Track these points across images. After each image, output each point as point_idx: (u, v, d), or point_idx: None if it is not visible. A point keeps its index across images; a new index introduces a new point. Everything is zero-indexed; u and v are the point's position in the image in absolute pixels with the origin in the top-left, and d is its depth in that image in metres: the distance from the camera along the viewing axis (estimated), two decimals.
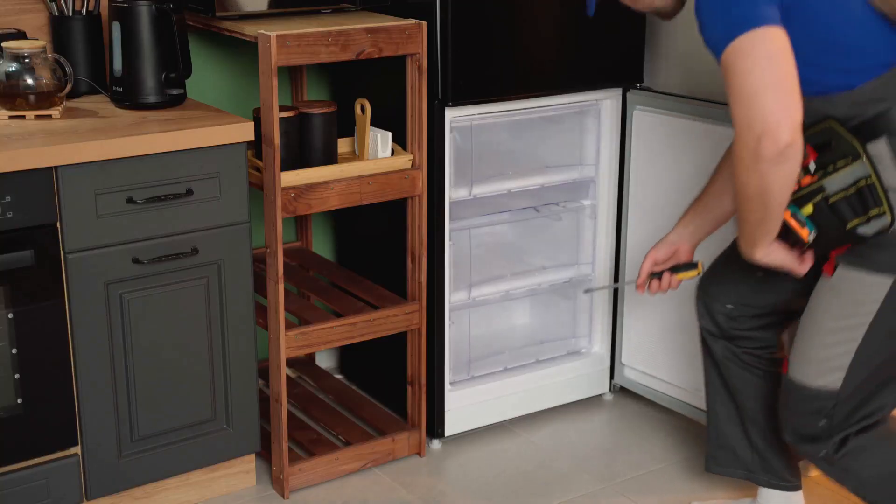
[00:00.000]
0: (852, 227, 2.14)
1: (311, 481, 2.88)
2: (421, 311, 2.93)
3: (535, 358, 3.26)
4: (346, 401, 3.24)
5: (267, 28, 2.57)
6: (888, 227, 2.12)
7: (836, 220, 2.15)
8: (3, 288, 2.38)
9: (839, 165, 2.14)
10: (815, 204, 2.16)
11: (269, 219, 2.66)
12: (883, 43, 2.11)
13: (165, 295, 2.56)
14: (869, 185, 2.11)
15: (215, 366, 2.67)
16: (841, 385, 2.25)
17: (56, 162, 2.36)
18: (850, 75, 2.13)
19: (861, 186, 2.12)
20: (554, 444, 3.12)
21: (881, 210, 2.12)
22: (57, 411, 2.50)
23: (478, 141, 3.01)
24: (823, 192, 2.15)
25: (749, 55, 2.01)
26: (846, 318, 2.22)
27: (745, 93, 2.02)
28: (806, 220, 2.17)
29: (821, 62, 2.12)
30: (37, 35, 2.81)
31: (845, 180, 2.13)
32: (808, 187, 2.16)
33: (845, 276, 2.21)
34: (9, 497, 2.48)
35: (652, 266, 2.58)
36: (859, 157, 2.12)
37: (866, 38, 2.11)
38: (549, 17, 2.91)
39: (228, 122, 2.56)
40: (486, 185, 3.03)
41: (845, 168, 2.13)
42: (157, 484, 2.70)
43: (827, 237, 2.19)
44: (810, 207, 2.16)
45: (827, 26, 2.10)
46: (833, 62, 2.13)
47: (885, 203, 2.11)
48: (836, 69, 2.14)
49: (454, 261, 3.02)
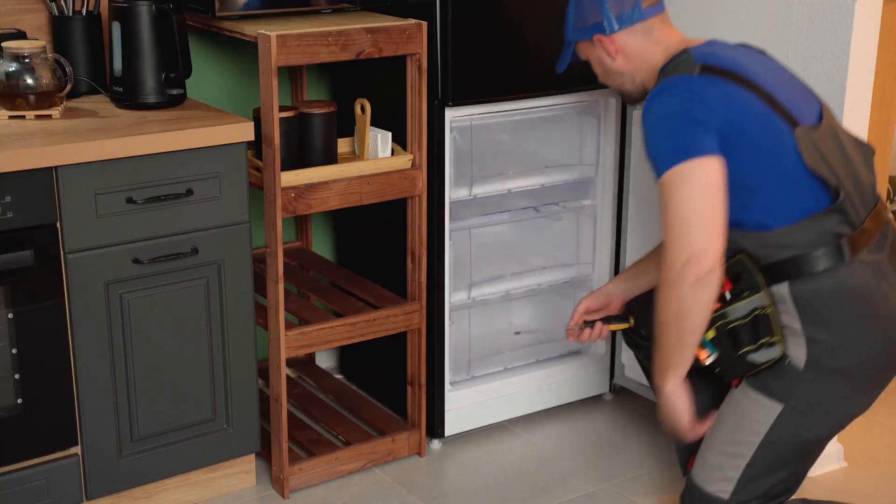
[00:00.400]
0: (743, 353, 2.27)
1: (311, 481, 2.88)
2: (421, 311, 2.93)
3: (535, 358, 3.26)
4: (346, 401, 3.24)
5: (267, 28, 2.57)
6: (777, 359, 2.25)
7: (732, 344, 2.28)
8: (3, 288, 2.38)
9: (744, 296, 2.26)
10: (717, 328, 2.27)
11: (269, 219, 2.66)
12: (805, 192, 2.22)
13: (165, 295, 2.56)
14: (764, 315, 2.24)
15: (215, 366, 2.67)
16: (728, 497, 2.35)
17: (56, 162, 2.36)
18: (768, 217, 2.23)
19: (756, 315, 2.24)
20: (554, 444, 3.12)
21: (771, 340, 2.24)
22: (57, 411, 2.50)
23: (478, 141, 3.01)
24: (725, 318, 2.27)
25: (687, 183, 2.16)
26: (739, 432, 2.33)
27: (679, 218, 2.17)
28: (707, 342, 2.29)
29: (745, 200, 2.23)
30: (37, 35, 2.81)
31: (745, 309, 2.25)
32: (714, 313, 2.26)
33: (744, 392, 2.33)
34: (9, 497, 2.48)
35: (584, 314, 2.70)
36: (759, 290, 2.23)
37: (790, 186, 2.22)
38: (549, 17, 2.91)
39: (228, 122, 2.56)
40: (486, 185, 3.03)
41: (748, 298, 2.25)
42: (157, 484, 2.70)
43: (724, 361, 2.30)
44: (712, 332, 2.28)
45: (755, 169, 2.21)
46: (755, 201, 2.23)
47: (779, 335, 2.24)
48: (757, 208, 2.24)
49: (454, 261, 3.02)
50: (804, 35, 2.76)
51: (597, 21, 2.41)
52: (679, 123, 2.21)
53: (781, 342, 2.24)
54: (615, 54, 2.43)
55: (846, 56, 2.67)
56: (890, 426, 3.22)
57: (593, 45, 2.45)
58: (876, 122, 2.92)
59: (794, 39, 2.78)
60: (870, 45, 2.70)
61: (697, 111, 2.21)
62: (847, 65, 2.67)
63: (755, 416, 2.31)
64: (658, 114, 2.25)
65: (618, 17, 2.39)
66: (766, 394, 2.29)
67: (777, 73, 2.36)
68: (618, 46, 2.42)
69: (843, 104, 2.69)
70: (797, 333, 2.24)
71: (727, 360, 2.30)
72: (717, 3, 2.95)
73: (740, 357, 2.27)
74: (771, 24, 2.83)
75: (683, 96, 2.23)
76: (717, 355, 2.30)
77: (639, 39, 2.41)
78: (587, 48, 2.48)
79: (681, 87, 2.25)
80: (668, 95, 2.25)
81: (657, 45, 2.40)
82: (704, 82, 2.24)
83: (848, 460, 3.01)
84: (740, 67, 2.28)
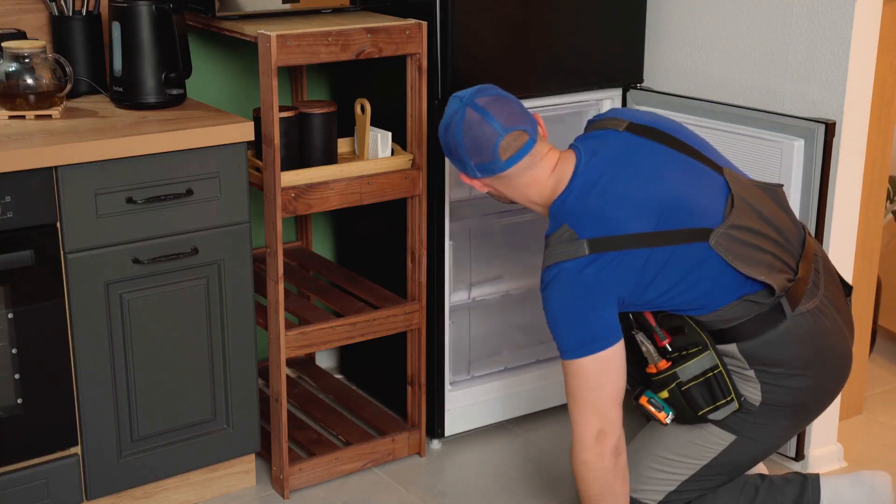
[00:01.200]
0: (703, 414, 2.34)
1: (311, 481, 2.88)
2: (421, 311, 2.93)
3: (535, 358, 3.26)
4: (346, 401, 3.24)
5: (267, 28, 2.57)
6: (736, 412, 2.33)
7: (689, 406, 2.34)
8: (3, 288, 2.38)
9: (691, 352, 2.32)
10: (670, 390, 2.34)
11: (269, 219, 2.66)
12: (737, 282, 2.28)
13: (165, 295, 2.56)
14: (716, 375, 2.31)
15: (215, 366, 2.67)
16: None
17: (56, 162, 2.36)
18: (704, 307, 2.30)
19: (709, 376, 2.31)
20: (554, 444, 3.12)
21: (729, 399, 2.32)
22: (57, 411, 2.50)
23: None
24: (677, 379, 2.33)
25: (596, 372, 2.25)
26: (684, 454, 2.41)
27: (589, 401, 2.26)
28: (663, 403, 2.36)
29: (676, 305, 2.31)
30: (37, 35, 2.81)
31: (695, 370, 2.31)
32: (663, 373, 2.34)
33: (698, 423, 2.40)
34: (9, 497, 2.48)
35: None
36: (707, 349, 2.31)
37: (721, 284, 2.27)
38: (549, 18, 2.91)
39: (228, 122, 2.56)
40: None
41: (696, 357, 2.31)
42: (157, 484, 2.70)
43: (682, 419, 2.37)
44: (666, 393, 2.35)
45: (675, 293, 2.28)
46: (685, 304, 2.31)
47: (732, 392, 2.31)
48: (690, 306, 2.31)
49: (454, 261, 3.02)
50: (804, 35, 2.76)
51: (460, 161, 2.36)
52: (577, 316, 2.25)
53: (736, 398, 2.32)
54: (483, 188, 2.40)
55: (846, 56, 2.67)
56: (890, 426, 3.22)
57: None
58: (876, 122, 2.93)
59: (794, 39, 2.78)
60: (870, 45, 2.70)
61: (592, 298, 2.24)
62: (847, 65, 2.67)
63: (706, 444, 2.39)
64: (555, 304, 2.27)
65: (478, 166, 2.34)
66: (721, 426, 2.37)
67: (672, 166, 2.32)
68: (485, 183, 2.39)
69: (843, 104, 2.69)
70: (750, 378, 2.33)
71: (686, 418, 2.37)
72: (718, 3, 2.95)
73: (700, 417, 2.34)
74: (771, 24, 2.83)
75: (576, 287, 2.24)
76: (674, 415, 2.37)
77: (507, 182, 2.36)
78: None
79: (571, 276, 2.24)
80: (561, 287, 2.26)
81: (528, 186, 2.36)
82: (595, 266, 2.23)
83: (848, 460, 3.01)
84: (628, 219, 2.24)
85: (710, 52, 3.00)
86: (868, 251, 3.09)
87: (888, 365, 3.62)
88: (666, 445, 2.43)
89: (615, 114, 2.43)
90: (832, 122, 2.67)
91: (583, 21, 2.96)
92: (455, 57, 2.77)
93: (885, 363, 3.63)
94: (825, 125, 2.66)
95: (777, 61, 2.83)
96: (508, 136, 2.30)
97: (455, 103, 2.35)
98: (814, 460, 2.92)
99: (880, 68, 2.85)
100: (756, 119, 2.80)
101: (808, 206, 2.72)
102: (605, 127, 2.40)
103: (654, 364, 2.36)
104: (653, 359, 2.36)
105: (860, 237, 2.96)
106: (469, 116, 2.30)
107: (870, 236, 3.08)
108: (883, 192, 3.10)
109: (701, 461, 2.40)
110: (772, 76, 2.85)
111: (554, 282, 2.26)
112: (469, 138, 2.30)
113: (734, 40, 2.93)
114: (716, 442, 2.38)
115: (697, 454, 2.39)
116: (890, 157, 3.07)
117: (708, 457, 2.39)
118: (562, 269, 2.24)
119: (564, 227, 2.28)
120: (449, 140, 2.36)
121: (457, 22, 2.75)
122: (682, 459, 2.40)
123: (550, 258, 2.28)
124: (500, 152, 2.30)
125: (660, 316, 2.36)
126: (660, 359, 2.35)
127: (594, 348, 2.24)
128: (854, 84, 2.69)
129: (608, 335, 2.25)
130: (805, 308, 2.31)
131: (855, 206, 2.80)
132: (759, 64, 2.88)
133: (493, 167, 2.32)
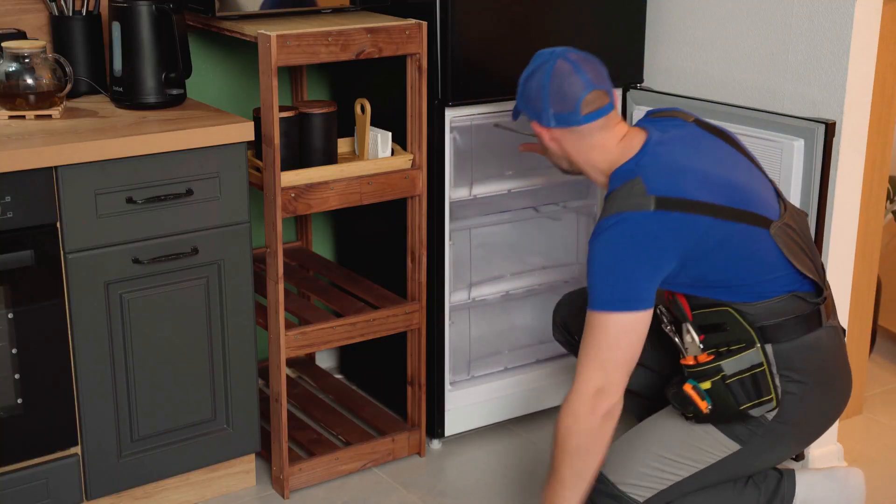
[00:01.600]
0: (745, 408, 2.31)
1: (311, 481, 2.88)
2: (421, 311, 2.93)
3: (535, 358, 3.26)
4: (346, 401, 3.24)
5: (267, 28, 2.57)
6: (771, 411, 2.32)
7: (732, 399, 2.30)
8: (3, 288, 2.38)
9: (734, 349, 2.31)
10: (714, 381, 2.30)
11: (269, 219, 2.66)
12: (786, 276, 2.32)
13: (165, 295, 2.56)
14: (762, 373, 2.29)
15: (215, 366, 2.67)
16: (643, 502, 2.39)
17: (56, 162, 2.36)
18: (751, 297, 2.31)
19: (755, 372, 2.29)
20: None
21: (770, 397, 2.30)
22: (57, 411, 2.50)
23: (478, 141, 3.01)
24: (722, 372, 2.30)
25: (617, 332, 2.24)
26: (682, 455, 2.38)
27: (601, 356, 2.25)
28: (705, 393, 2.32)
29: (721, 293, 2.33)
30: (37, 35, 2.81)
31: (741, 364, 2.29)
32: (705, 364, 2.31)
33: (704, 426, 2.38)
34: (9, 497, 2.48)
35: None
36: (754, 345, 2.29)
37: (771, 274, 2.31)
38: (549, 17, 2.91)
39: (228, 122, 2.56)
40: (486, 185, 3.03)
41: (741, 353, 2.29)
42: (157, 484, 2.70)
43: (721, 412, 2.33)
44: (709, 384, 2.31)
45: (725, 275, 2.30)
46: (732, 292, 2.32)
47: (773, 392, 2.30)
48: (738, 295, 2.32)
49: (454, 261, 3.02)
50: (804, 35, 2.76)
51: (537, 109, 2.39)
52: (624, 269, 2.23)
53: (776, 397, 2.31)
54: (549, 142, 2.42)
55: (846, 56, 2.67)
56: (890, 426, 3.22)
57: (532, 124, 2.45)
58: (876, 122, 2.93)
59: (794, 39, 2.78)
60: (870, 45, 2.70)
61: (646, 254, 2.23)
62: (847, 65, 2.67)
63: (708, 449, 2.38)
64: (605, 251, 2.25)
65: (556, 115, 2.37)
66: (727, 433, 2.36)
67: (735, 165, 2.38)
68: (554, 136, 2.40)
69: (843, 104, 2.69)
70: (776, 388, 2.33)
71: (724, 412, 2.33)
72: (718, 3, 2.95)
73: (741, 411, 2.32)
74: (771, 24, 2.83)
75: (635, 238, 2.23)
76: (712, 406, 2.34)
77: (576, 139, 2.39)
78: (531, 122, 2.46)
79: (633, 226, 2.23)
80: (618, 235, 2.24)
81: (595, 148, 2.38)
82: (659, 221, 2.23)
83: (848, 460, 3.01)
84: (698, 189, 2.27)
85: (710, 52, 3.00)
86: (868, 251, 3.09)
87: (888, 365, 3.62)
88: (666, 445, 2.41)
89: (679, 109, 2.52)
90: (832, 122, 2.67)
91: (583, 21, 2.96)
92: (455, 57, 2.77)
93: (885, 363, 3.63)
94: (825, 125, 2.66)
95: (777, 61, 2.84)
96: (593, 92, 2.35)
97: (545, 55, 2.40)
98: (814, 460, 2.92)
99: (880, 68, 2.85)
100: (756, 119, 2.80)
101: (808, 206, 2.72)
102: (672, 116, 2.46)
103: (693, 356, 2.34)
104: (696, 349, 2.34)
105: (860, 237, 2.96)
106: (560, 66, 2.36)
107: (870, 236, 3.08)
108: (883, 192, 3.10)
109: (698, 465, 2.39)
110: (772, 76, 2.85)
111: (611, 229, 2.24)
112: (556, 86, 2.35)
113: (734, 40, 2.93)
114: (720, 449, 2.37)
115: (697, 458, 2.39)
116: (890, 157, 3.07)
117: (707, 462, 2.38)
118: (625, 217, 2.23)
119: (636, 180, 2.27)
120: (531, 85, 2.39)
121: (457, 22, 2.75)
122: (680, 461, 2.39)
123: (613, 208, 2.26)
124: (582, 106, 2.34)
125: (698, 314, 2.35)
126: (701, 351, 2.34)
127: (627, 307, 2.23)
128: (854, 84, 2.69)
129: (644, 298, 2.24)
130: (832, 324, 2.38)
131: (855, 206, 2.80)
132: (759, 64, 2.88)
133: (571, 119, 2.36)
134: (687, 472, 2.39)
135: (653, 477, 2.40)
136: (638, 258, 2.23)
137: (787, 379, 2.32)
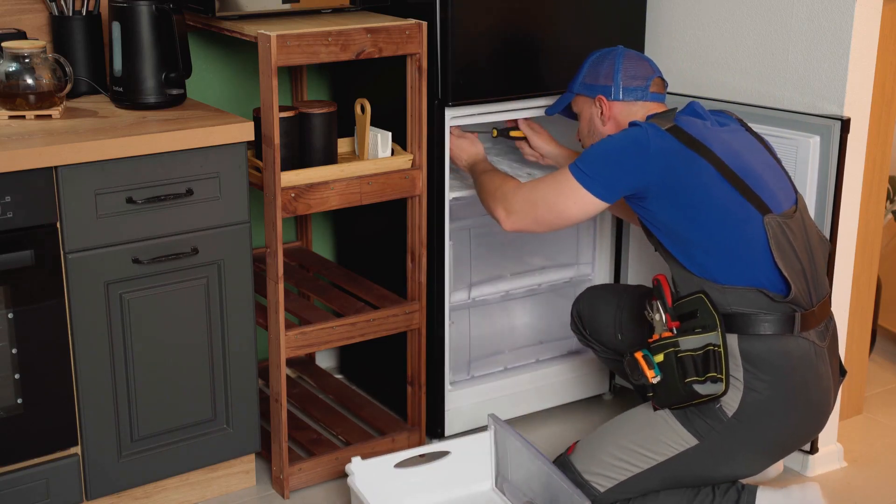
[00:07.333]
0: (689, 382, 2.37)
1: (311, 481, 2.88)
2: (421, 311, 2.93)
3: (535, 358, 3.26)
4: (346, 401, 3.24)
5: (267, 28, 2.57)
6: (718, 396, 2.37)
7: (679, 371, 2.38)
8: (3, 288, 2.38)
9: (696, 332, 2.39)
10: (666, 354, 2.39)
11: (269, 219, 2.66)
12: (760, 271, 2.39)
13: (165, 295, 2.56)
14: (715, 352, 2.36)
15: (215, 366, 2.67)
16: (603, 492, 2.51)
17: (56, 162, 2.36)
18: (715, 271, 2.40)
19: (708, 350, 2.36)
20: (554, 444, 3.12)
21: (718, 376, 2.36)
22: (57, 411, 2.50)
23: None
24: (676, 346, 2.39)
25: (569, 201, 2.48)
26: (643, 447, 2.48)
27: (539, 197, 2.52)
28: (655, 365, 2.40)
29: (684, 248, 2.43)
30: (37, 35, 2.81)
31: (697, 342, 2.38)
32: (665, 339, 2.41)
33: (664, 417, 2.47)
34: (9, 497, 2.48)
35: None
36: (715, 329, 2.36)
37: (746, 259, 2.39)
38: (549, 17, 2.91)
39: (228, 122, 2.56)
40: None
41: (702, 333, 2.37)
42: (157, 484, 2.70)
43: (667, 386, 2.40)
44: (661, 356, 2.40)
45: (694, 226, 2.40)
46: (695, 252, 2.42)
47: (724, 372, 2.35)
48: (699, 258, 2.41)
49: (454, 261, 3.02)
50: (804, 35, 2.76)
51: (606, 84, 2.64)
52: (611, 160, 2.45)
53: (725, 380, 2.34)
54: (607, 120, 2.65)
55: (846, 56, 2.67)
56: (890, 426, 3.22)
57: (593, 103, 2.67)
58: (876, 122, 2.93)
59: (794, 39, 2.78)
60: (870, 45, 2.70)
61: (635, 162, 2.42)
62: (847, 65, 2.67)
63: (666, 441, 2.45)
64: (610, 140, 2.49)
65: (625, 88, 2.63)
66: (686, 426, 2.44)
67: (761, 159, 2.50)
68: (612, 114, 2.65)
69: (844, 104, 2.69)
70: (737, 381, 2.38)
71: (670, 386, 2.39)
72: (718, 3, 2.96)
73: (686, 385, 2.37)
74: (771, 24, 2.83)
75: (634, 139, 2.44)
76: (661, 378, 2.39)
77: (631, 115, 2.63)
78: (585, 104, 2.70)
79: (640, 132, 2.45)
80: (627, 134, 2.47)
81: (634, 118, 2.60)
82: (664, 139, 2.43)
83: (848, 460, 3.01)
84: (715, 144, 2.42)
85: (710, 52, 3.00)
86: (868, 251, 3.09)
87: (888, 365, 3.62)
88: (629, 435, 2.49)
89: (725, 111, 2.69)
90: (847, 119, 2.66)
91: (583, 21, 2.96)
92: (455, 57, 2.77)
93: (885, 363, 3.63)
94: (841, 121, 2.65)
95: (777, 61, 2.84)
96: (659, 78, 2.67)
97: (605, 49, 2.70)
98: (814, 460, 2.92)
99: (880, 68, 2.85)
100: (771, 117, 2.79)
101: (823, 203, 2.71)
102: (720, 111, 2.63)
103: (658, 333, 2.42)
104: (662, 327, 2.42)
105: (860, 237, 2.96)
106: (629, 52, 2.68)
107: (870, 236, 3.08)
108: (883, 192, 3.10)
109: (658, 458, 2.45)
110: (771, 76, 2.85)
111: (626, 130, 2.49)
112: (630, 65, 2.64)
113: (734, 40, 2.93)
114: (678, 442, 2.44)
115: (656, 450, 2.46)
116: (890, 157, 3.07)
117: (666, 454, 2.45)
118: (642, 125, 2.46)
119: (672, 111, 2.54)
120: (604, 63, 2.66)
121: (457, 22, 2.75)
122: (641, 451, 2.47)
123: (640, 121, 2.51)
124: (651, 84, 2.64)
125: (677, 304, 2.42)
126: (666, 329, 2.42)
127: (591, 186, 2.45)
128: (854, 84, 2.69)
129: (609, 192, 2.45)
130: (811, 339, 2.41)
131: (855, 206, 2.80)
132: (758, 64, 2.88)
133: (639, 94, 2.63)
134: (646, 464, 2.46)
135: (614, 467, 2.48)
136: (628, 156, 2.43)
137: (752, 375, 2.37)
